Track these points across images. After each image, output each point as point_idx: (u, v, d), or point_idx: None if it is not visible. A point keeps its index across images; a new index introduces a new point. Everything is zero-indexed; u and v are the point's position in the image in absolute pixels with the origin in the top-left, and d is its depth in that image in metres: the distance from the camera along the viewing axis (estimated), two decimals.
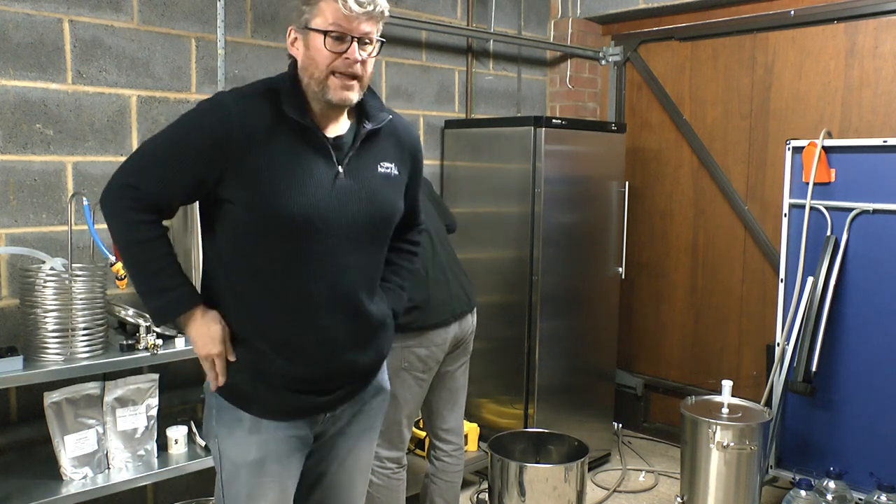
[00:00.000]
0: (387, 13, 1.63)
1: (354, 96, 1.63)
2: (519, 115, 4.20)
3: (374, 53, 1.63)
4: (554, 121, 3.48)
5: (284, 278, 1.62)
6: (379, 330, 1.78)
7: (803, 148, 3.20)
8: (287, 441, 1.70)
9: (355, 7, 1.55)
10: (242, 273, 1.64)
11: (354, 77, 1.60)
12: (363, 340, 1.73)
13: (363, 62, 1.60)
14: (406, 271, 1.95)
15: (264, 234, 1.59)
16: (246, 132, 1.57)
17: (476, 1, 3.93)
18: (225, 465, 1.70)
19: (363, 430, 1.85)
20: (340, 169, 1.64)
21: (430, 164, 3.82)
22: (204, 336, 1.64)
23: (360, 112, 1.72)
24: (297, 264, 1.61)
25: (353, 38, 1.57)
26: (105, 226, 2.49)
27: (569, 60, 4.36)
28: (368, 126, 1.70)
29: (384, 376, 1.90)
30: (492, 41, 4.02)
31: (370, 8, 1.57)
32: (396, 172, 1.76)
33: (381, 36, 1.64)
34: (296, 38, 1.63)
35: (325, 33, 1.56)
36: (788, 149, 3.26)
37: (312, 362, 1.66)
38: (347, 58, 1.57)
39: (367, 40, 1.60)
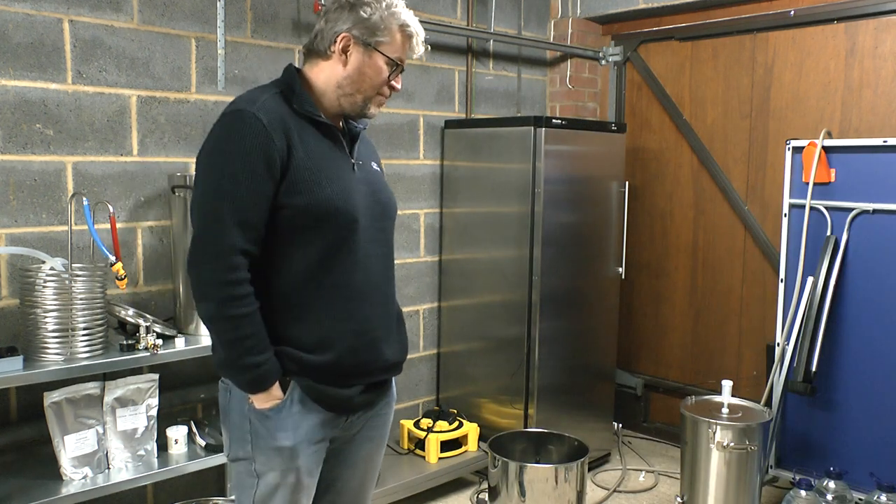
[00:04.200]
0: None
1: None
2: (519, 115, 4.20)
3: None
4: (554, 121, 3.48)
5: (328, 271, 1.66)
6: (400, 324, 1.86)
7: (803, 148, 3.20)
8: (316, 455, 1.73)
9: (419, 50, 1.75)
10: (284, 273, 1.65)
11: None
12: (389, 332, 1.79)
13: None
14: None
15: (310, 229, 1.63)
16: (282, 135, 1.60)
17: (476, 1, 3.93)
18: (261, 486, 1.71)
19: (376, 436, 1.88)
20: (353, 161, 1.75)
21: (430, 163, 3.82)
22: (273, 398, 1.66)
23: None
24: (338, 255, 1.66)
25: (402, 69, 1.74)
26: (106, 225, 2.51)
27: (569, 60, 4.36)
28: (359, 126, 1.81)
29: (394, 389, 1.92)
30: (492, 41, 4.02)
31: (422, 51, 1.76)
32: (380, 172, 1.88)
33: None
34: (349, 48, 1.68)
35: (396, 63, 1.71)
36: (788, 149, 3.26)
37: (354, 353, 1.70)
38: (394, 85, 1.74)
39: None
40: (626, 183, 3.89)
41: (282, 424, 1.66)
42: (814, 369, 3.06)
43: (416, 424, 3.53)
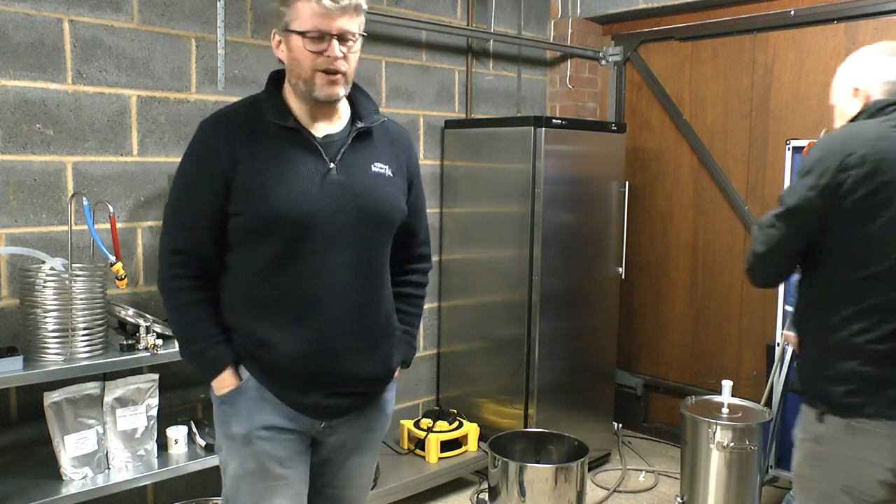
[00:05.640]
0: (363, 6, 1.64)
1: (341, 91, 1.65)
2: (519, 115, 4.20)
3: (356, 49, 1.64)
4: (554, 121, 3.48)
5: (283, 277, 1.64)
6: (385, 337, 1.77)
7: (803, 148, 3.19)
8: (285, 445, 1.69)
9: (329, 4, 1.56)
10: (244, 277, 1.68)
11: (338, 72, 1.62)
12: (366, 346, 1.72)
13: (345, 58, 1.62)
14: (414, 317, 1.92)
15: (259, 235, 1.63)
16: (228, 145, 1.63)
17: (476, 1, 3.93)
18: (227, 478, 1.73)
19: (368, 448, 1.85)
20: (332, 165, 1.66)
21: (430, 163, 3.82)
22: (225, 385, 1.71)
23: (353, 112, 1.75)
24: (288, 261, 1.63)
25: (331, 36, 1.58)
26: (106, 225, 2.52)
27: (569, 60, 4.36)
28: (360, 125, 1.72)
29: (391, 400, 1.87)
30: (492, 41, 4.02)
31: (344, 3, 1.58)
32: (391, 174, 1.76)
33: (379, 35, 1.68)
34: (279, 41, 1.65)
35: (304, 34, 1.57)
36: (788, 149, 3.26)
37: (307, 360, 1.66)
38: (329, 56, 1.59)
39: (347, 37, 1.61)
40: (626, 183, 3.89)
41: (236, 410, 1.69)
42: None
43: (416, 424, 3.53)
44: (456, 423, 3.53)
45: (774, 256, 1.80)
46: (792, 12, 3.63)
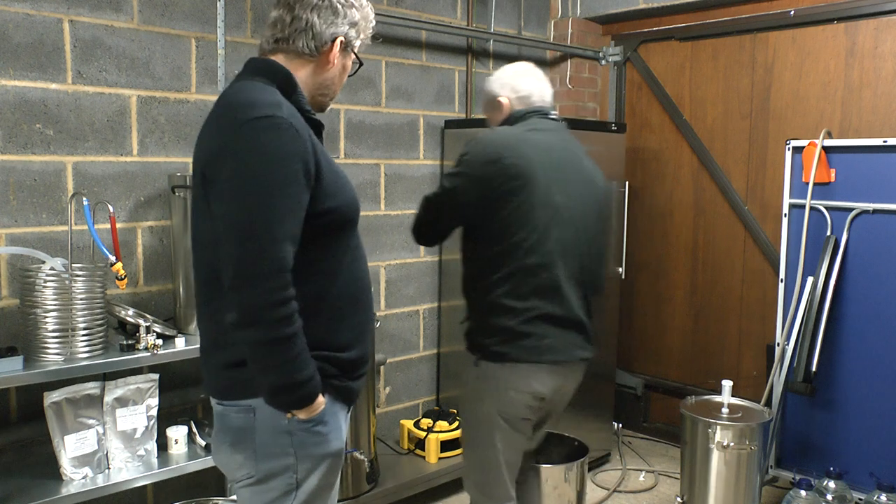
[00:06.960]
0: None
1: None
2: None
3: None
4: None
5: (352, 269, 1.67)
6: None
7: (803, 148, 3.20)
8: None
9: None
10: (323, 277, 1.60)
11: None
12: None
13: None
14: None
15: (338, 231, 1.63)
16: (309, 141, 1.54)
17: (476, 1, 3.93)
18: (300, 494, 1.62)
19: None
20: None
21: (430, 163, 3.82)
22: (321, 403, 1.58)
23: None
24: (355, 253, 1.68)
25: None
26: (106, 225, 2.51)
27: (569, 60, 4.36)
28: (313, 115, 1.79)
29: None
30: (492, 41, 4.02)
31: None
32: None
33: (379, 34, 1.82)
34: (338, 54, 1.68)
35: (360, 60, 1.74)
36: (788, 149, 3.27)
37: (366, 344, 1.73)
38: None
39: None
40: (626, 183, 3.89)
41: (329, 427, 1.62)
42: (814, 369, 3.05)
43: (416, 424, 3.53)
44: (456, 423, 3.53)
45: (432, 223, 2.24)
46: (792, 12, 3.63)
